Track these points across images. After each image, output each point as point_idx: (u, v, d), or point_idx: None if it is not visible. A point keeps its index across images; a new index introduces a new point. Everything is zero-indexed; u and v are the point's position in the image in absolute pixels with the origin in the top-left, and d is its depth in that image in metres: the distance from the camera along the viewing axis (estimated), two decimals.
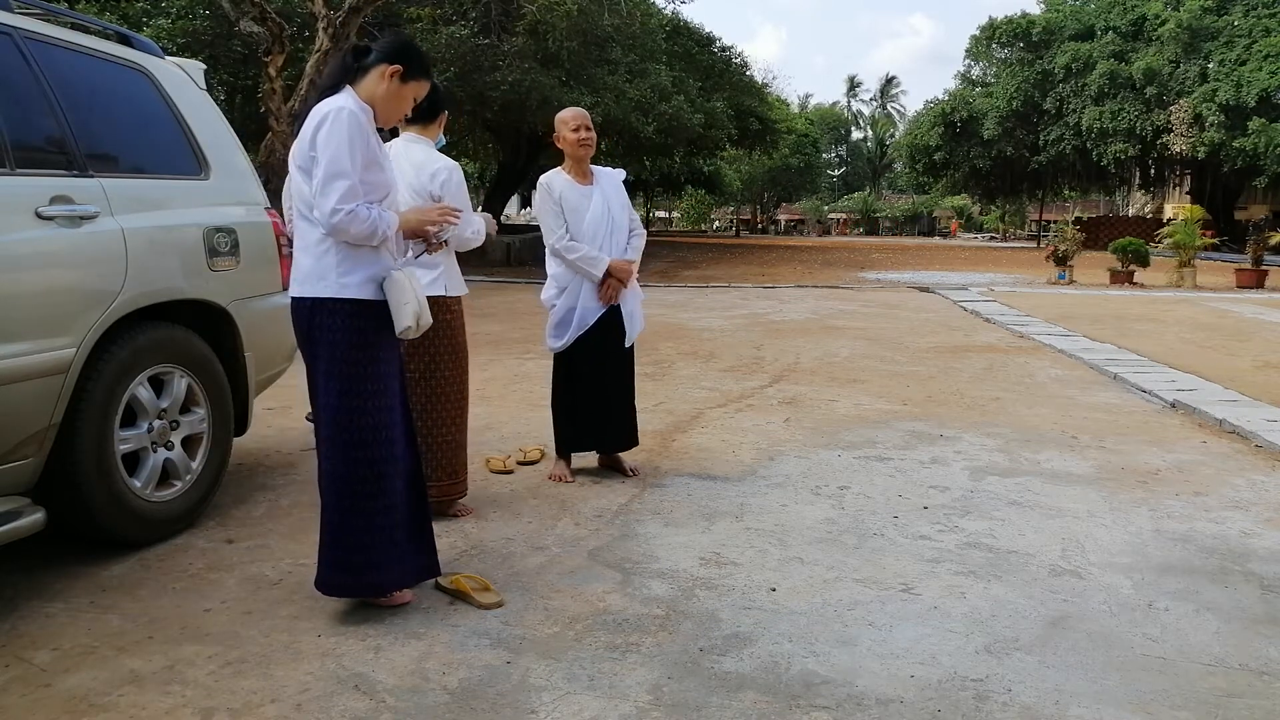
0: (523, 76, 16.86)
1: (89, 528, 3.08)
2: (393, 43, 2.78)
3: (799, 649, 2.56)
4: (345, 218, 2.56)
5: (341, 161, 2.57)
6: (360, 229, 2.59)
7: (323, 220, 2.59)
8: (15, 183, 2.82)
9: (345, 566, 2.69)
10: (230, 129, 4.00)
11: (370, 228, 2.60)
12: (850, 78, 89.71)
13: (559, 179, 4.09)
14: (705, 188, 50.19)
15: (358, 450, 2.67)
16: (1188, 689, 2.37)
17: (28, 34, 3.04)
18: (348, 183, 2.56)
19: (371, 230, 2.60)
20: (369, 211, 2.60)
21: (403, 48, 2.78)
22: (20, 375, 2.71)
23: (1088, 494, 4.06)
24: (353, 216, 2.57)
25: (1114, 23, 34.25)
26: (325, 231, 2.62)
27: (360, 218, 2.58)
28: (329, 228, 2.59)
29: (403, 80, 2.73)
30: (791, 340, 9.01)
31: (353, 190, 2.57)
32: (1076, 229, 19.39)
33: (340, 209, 2.56)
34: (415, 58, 2.77)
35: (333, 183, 2.56)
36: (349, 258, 2.65)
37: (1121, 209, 51.00)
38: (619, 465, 4.28)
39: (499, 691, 2.31)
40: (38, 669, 2.39)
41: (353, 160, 2.58)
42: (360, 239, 2.62)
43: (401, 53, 2.75)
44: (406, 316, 2.65)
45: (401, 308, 2.65)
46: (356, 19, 11.09)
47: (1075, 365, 7.67)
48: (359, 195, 2.59)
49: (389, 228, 2.67)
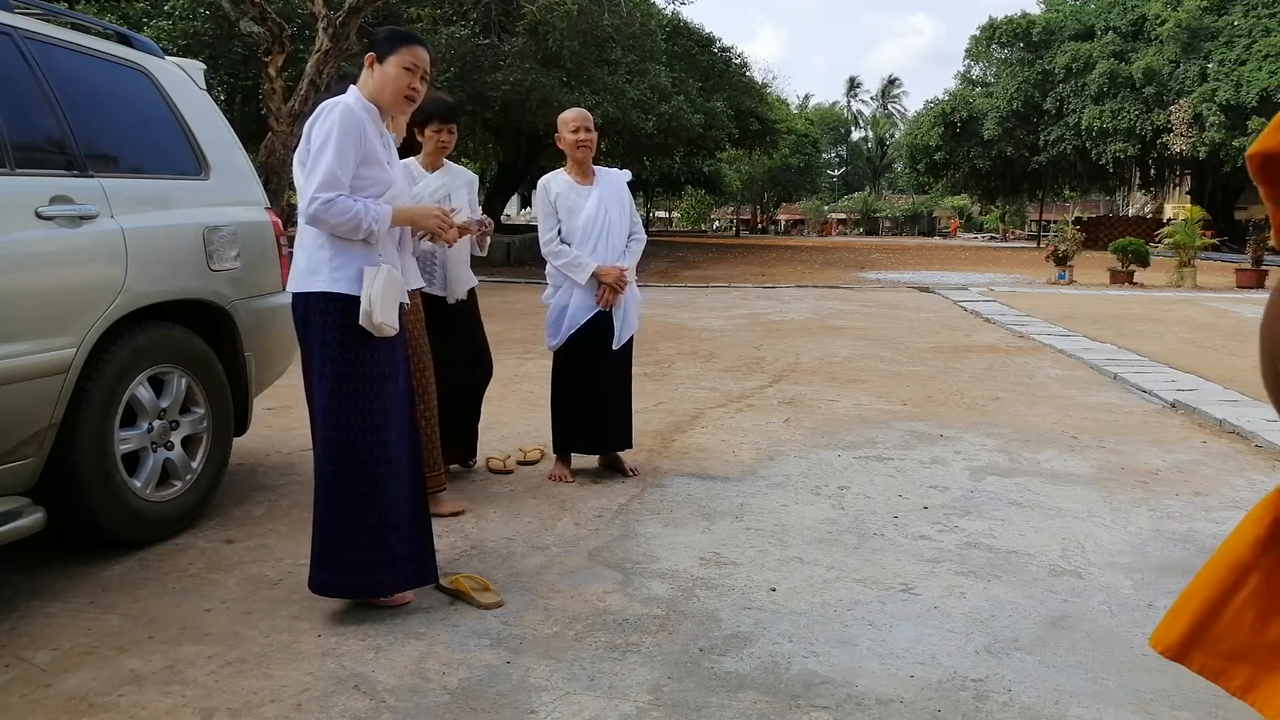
0: (523, 77, 16.87)
1: (89, 528, 3.07)
2: (370, 36, 2.83)
3: (799, 649, 2.56)
4: (322, 206, 2.55)
5: (325, 152, 2.57)
6: (340, 220, 2.56)
7: (301, 208, 2.59)
8: (15, 183, 2.81)
9: (333, 566, 2.68)
10: (230, 129, 4.01)
11: (353, 219, 2.57)
12: (850, 78, 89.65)
13: (557, 179, 4.12)
14: (705, 188, 50.16)
15: (348, 450, 2.65)
16: (1188, 689, 2.37)
17: (28, 34, 3.04)
18: (328, 173, 2.55)
19: (355, 222, 2.58)
20: (352, 203, 2.58)
21: (377, 35, 2.81)
22: (20, 375, 2.71)
23: (1088, 494, 4.06)
24: (329, 206, 2.55)
25: (1114, 23, 34.24)
26: (305, 220, 2.61)
27: (339, 208, 2.56)
28: (307, 216, 2.59)
29: (381, 61, 2.73)
30: (791, 340, 9.01)
31: (332, 180, 2.56)
32: (1076, 229, 19.38)
33: (317, 197, 2.55)
34: (382, 36, 2.79)
35: (314, 173, 2.57)
36: (342, 253, 2.64)
37: (1121, 209, 50.99)
38: (619, 465, 4.28)
39: (499, 691, 2.31)
40: (38, 669, 2.39)
41: (339, 151, 2.57)
42: (343, 230, 2.60)
43: (374, 40, 2.79)
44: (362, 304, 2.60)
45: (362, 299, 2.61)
46: (356, 19, 11.08)
47: (1075, 365, 7.67)
48: (340, 186, 2.57)
49: (377, 220, 2.63)
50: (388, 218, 2.69)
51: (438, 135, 3.91)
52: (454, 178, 4.02)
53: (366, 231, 2.63)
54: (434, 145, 3.93)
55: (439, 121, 3.90)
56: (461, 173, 4.08)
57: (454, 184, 3.99)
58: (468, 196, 4.01)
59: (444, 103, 3.98)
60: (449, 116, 3.94)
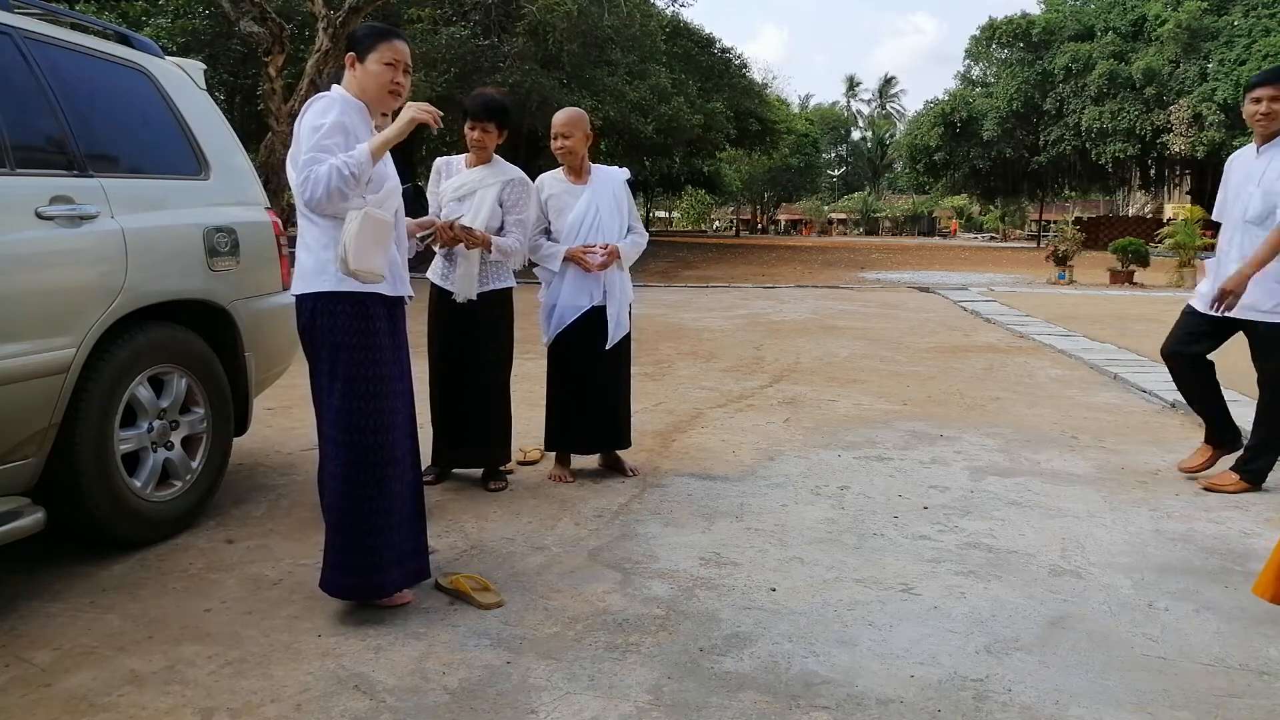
0: (523, 78, 16.89)
1: (89, 528, 3.07)
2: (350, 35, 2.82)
3: (799, 649, 2.56)
4: (301, 185, 2.54)
5: (303, 141, 2.58)
6: (329, 185, 2.51)
7: (297, 199, 2.60)
8: (15, 183, 2.81)
9: (351, 568, 2.68)
10: (230, 129, 4.00)
11: (335, 175, 2.51)
12: (849, 77, 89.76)
13: (549, 179, 4.15)
14: (705, 188, 50.22)
15: (361, 451, 2.65)
16: (1188, 689, 2.37)
17: (28, 34, 3.04)
18: (305, 156, 2.55)
19: (339, 176, 2.51)
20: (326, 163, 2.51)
21: (353, 35, 2.79)
22: (20, 375, 2.71)
23: (1088, 494, 4.06)
24: (306, 181, 2.53)
25: (1114, 23, 34.25)
26: (304, 208, 2.62)
27: (318, 176, 2.51)
28: (302, 205, 2.60)
29: (361, 60, 2.72)
30: (791, 340, 9.01)
31: (314, 159, 2.54)
32: (1076, 229, 19.42)
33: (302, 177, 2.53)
34: (360, 34, 2.77)
35: (295, 162, 2.58)
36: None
37: (1121, 209, 51.01)
38: (619, 465, 4.28)
39: (499, 691, 2.31)
40: (38, 669, 2.39)
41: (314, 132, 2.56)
42: (337, 195, 2.54)
43: (352, 40, 2.77)
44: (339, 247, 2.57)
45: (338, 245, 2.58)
46: (356, 19, 11.08)
47: (1075, 365, 7.67)
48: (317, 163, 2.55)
49: (354, 161, 2.54)
50: (365, 151, 2.58)
51: (471, 133, 3.87)
52: (490, 175, 3.92)
53: (353, 177, 2.54)
54: (469, 142, 3.91)
55: (471, 119, 3.86)
56: (503, 171, 3.95)
57: (485, 182, 3.90)
58: (500, 196, 3.89)
59: (479, 99, 3.92)
60: (480, 114, 3.85)
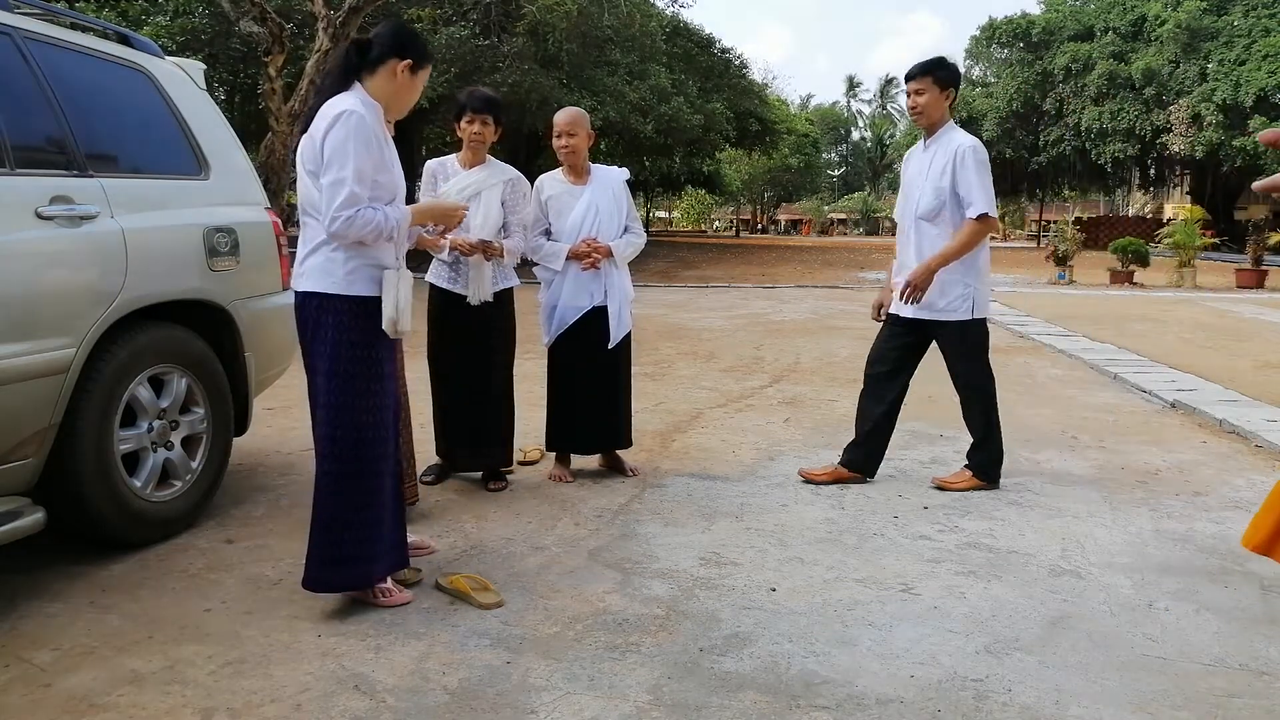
0: (523, 78, 16.88)
1: (89, 528, 3.07)
2: (395, 35, 2.75)
3: (799, 649, 2.56)
4: (343, 224, 2.58)
5: (345, 167, 2.57)
6: (363, 232, 2.60)
7: (324, 226, 2.61)
8: (15, 183, 2.81)
9: (332, 561, 2.71)
10: (230, 129, 4.00)
11: (375, 229, 2.61)
12: (849, 77, 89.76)
13: (550, 179, 4.15)
14: (705, 187, 50.18)
15: (355, 447, 2.69)
16: (1188, 689, 2.37)
17: (28, 34, 3.04)
18: (349, 189, 2.56)
19: (377, 231, 2.62)
20: (373, 213, 2.61)
21: (408, 38, 2.76)
22: (20, 375, 2.71)
23: (1088, 494, 4.06)
24: (351, 222, 2.58)
25: (1114, 23, 34.24)
26: (328, 235, 2.63)
27: (361, 222, 2.59)
28: (330, 234, 2.61)
29: (413, 72, 2.74)
30: (791, 340, 9.01)
31: (354, 197, 2.57)
32: (1076, 229, 19.41)
33: (339, 215, 2.57)
34: (419, 45, 2.77)
35: (336, 189, 2.57)
36: (354, 255, 2.66)
37: (1121, 209, 51.01)
38: (619, 465, 4.28)
39: (499, 691, 2.31)
40: (38, 669, 2.39)
41: (358, 166, 2.58)
42: (371, 239, 2.64)
43: (408, 45, 2.74)
44: (388, 310, 2.67)
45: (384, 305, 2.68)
46: (356, 19, 11.07)
47: (1075, 365, 7.67)
48: (360, 201, 2.59)
49: (397, 225, 2.68)
50: (407, 219, 2.75)
51: (470, 127, 3.77)
52: (490, 175, 3.85)
53: (388, 237, 2.68)
54: (467, 138, 3.80)
55: (471, 112, 3.76)
56: (501, 170, 3.89)
57: (488, 182, 3.84)
58: (502, 196, 3.84)
59: (477, 94, 3.84)
60: (481, 107, 3.76)
